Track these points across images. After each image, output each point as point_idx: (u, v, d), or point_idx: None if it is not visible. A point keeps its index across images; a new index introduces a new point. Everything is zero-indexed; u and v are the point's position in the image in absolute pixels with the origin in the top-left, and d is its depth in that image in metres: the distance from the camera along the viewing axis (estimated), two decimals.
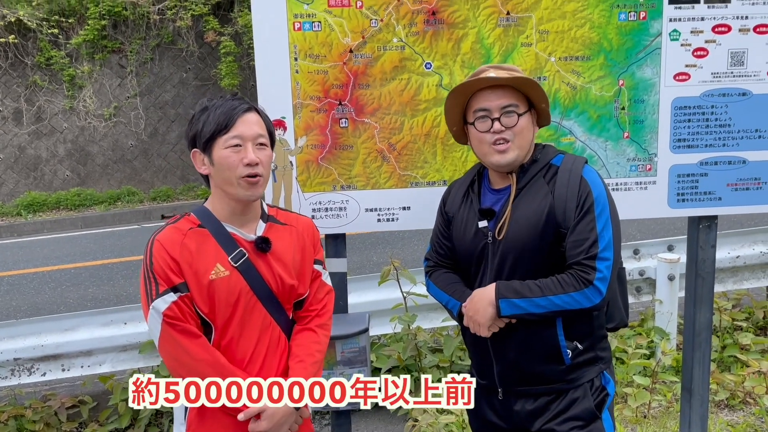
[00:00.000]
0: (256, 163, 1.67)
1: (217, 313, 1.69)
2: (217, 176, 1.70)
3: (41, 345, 3.55)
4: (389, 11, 2.23)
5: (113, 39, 12.49)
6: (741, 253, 4.24)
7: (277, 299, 1.77)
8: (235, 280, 1.69)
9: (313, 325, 1.86)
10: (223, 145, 1.66)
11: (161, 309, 1.63)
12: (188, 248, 1.67)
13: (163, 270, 1.64)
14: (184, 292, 1.66)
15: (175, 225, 1.72)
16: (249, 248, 1.73)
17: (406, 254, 6.44)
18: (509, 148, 1.75)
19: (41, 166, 12.51)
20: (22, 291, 6.75)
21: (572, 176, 1.75)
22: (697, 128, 2.35)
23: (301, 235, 1.85)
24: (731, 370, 3.76)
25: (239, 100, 1.73)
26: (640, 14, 2.28)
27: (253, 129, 1.69)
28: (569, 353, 1.77)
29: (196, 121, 1.71)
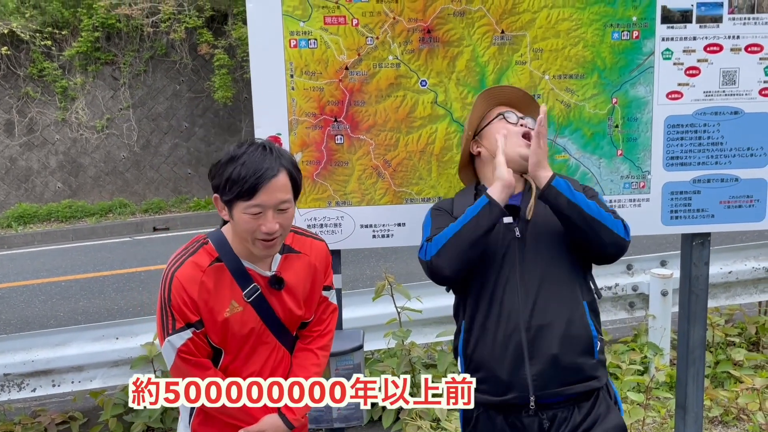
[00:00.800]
0: (274, 231, 1.66)
1: (229, 343, 1.77)
2: (235, 228, 1.71)
3: (32, 360, 3.52)
4: (385, 29, 2.24)
5: (106, 51, 12.50)
6: (733, 269, 4.26)
7: (285, 327, 1.84)
8: (248, 315, 1.75)
9: (314, 347, 1.91)
10: (243, 210, 1.63)
11: (177, 345, 1.70)
12: (206, 287, 1.71)
13: (180, 308, 1.69)
14: (199, 329, 1.72)
15: (193, 259, 1.71)
16: (263, 284, 1.77)
17: (399, 268, 6.44)
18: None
19: (32, 177, 12.44)
20: (12, 304, 6.69)
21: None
22: (689, 146, 2.37)
23: (313, 264, 1.88)
24: (724, 386, 3.77)
25: (269, 155, 1.64)
26: (633, 33, 2.30)
27: (277, 197, 1.63)
28: (598, 345, 1.82)
29: (221, 171, 1.65)
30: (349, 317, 3.54)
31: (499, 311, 1.81)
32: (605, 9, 2.27)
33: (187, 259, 1.72)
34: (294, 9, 2.23)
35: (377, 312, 3.78)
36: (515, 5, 2.25)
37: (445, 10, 2.24)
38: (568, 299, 1.81)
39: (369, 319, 3.76)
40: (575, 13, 2.26)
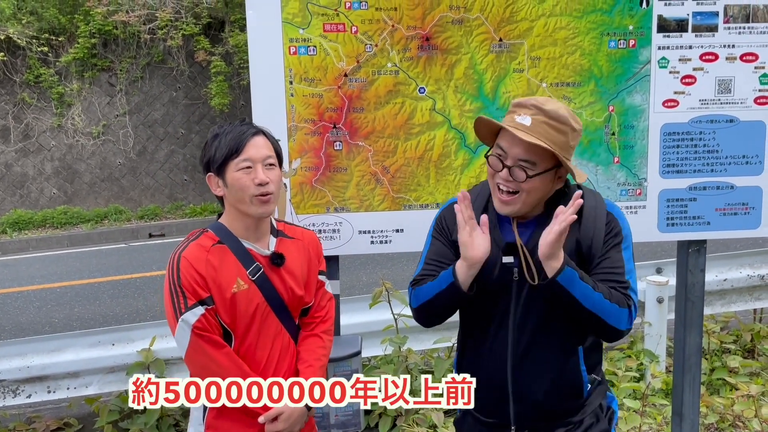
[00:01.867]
0: (266, 182, 1.78)
1: (238, 323, 1.83)
2: (231, 196, 1.82)
3: (27, 366, 3.50)
4: (384, 37, 2.26)
5: (103, 57, 12.50)
6: (728, 276, 4.27)
7: (287, 308, 1.91)
8: (253, 293, 1.83)
9: (319, 331, 2.01)
10: (235, 168, 1.78)
11: (191, 321, 1.75)
12: (212, 264, 1.80)
13: (191, 285, 1.76)
14: (210, 305, 1.78)
15: (197, 242, 1.83)
16: (264, 263, 1.86)
17: (395, 274, 6.44)
18: (513, 201, 1.62)
19: (28, 183, 12.41)
20: (7, 310, 6.66)
21: (598, 211, 1.68)
22: (685, 154, 2.39)
23: (307, 248, 1.99)
24: (720, 393, 3.78)
25: (248, 125, 1.86)
26: (630, 42, 2.32)
27: (262, 151, 1.81)
28: (589, 386, 1.75)
29: (209, 148, 1.84)
30: (345, 323, 3.54)
31: (490, 348, 1.75)
32: (602, 18, 2.29)
33: (190, 243, 1.83)
34: (294, 16, 2.24)
35: (374, 318, 3.78)
36: (513, 14, 2.27)
37: (443, 18, 2.26)
38: (561, 348, 1.71)
39: (366, 325, 3.75)
40: (572, 21, 2.29)
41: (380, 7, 2.25)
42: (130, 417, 3.53)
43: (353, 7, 2.24)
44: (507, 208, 1.64)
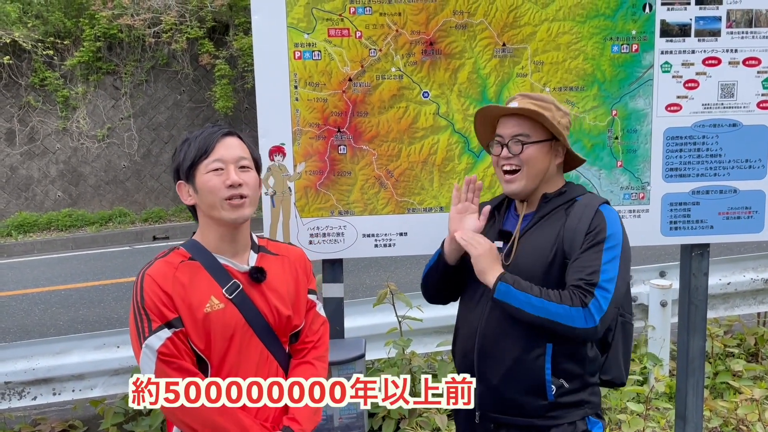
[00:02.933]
0: (239, 183, 1.62)
1: (213, 348, 1.62)
2: (201, 202, 1.66)
3: (32, 368, 3.52)
4: (388, 41, 2.28)
5: (108, 61, 12.55)
6: (732, 280, 4.27)
7: (273, 332, 1.70)
8: (231, 313, 1.62)
9: (311, 358, 1.79)
10: (205, 170, 1.63)
11: (155, 346, 1.55)
12: (180, 281, 1.61)
13: (155, 305, 1.57)
14: (179, 328, 1.58)
15: (165, 259, 1.66)
16: (243, 280, 1.67)
17: (399, 277, 6.45)
18: (516, 178, 1.79)
19: (33, 186, 12.46)
20: (12, 313, 6.68)
21: (587, 209, 1.75)
22: (688, 158, 2.39)
23: (294, 265, 1.81)
24: (724, 397, 3.78)
25: (218, 126, 1.71)
26: (633, 47, 2.33)
27: (234, 151, 1.66)
28: (554, 389, 1.74)
29: (178, 153, 1.69)
30: (349, 326, 3.54)
31: (467, 327, 1.87)
32: (605, 23, 2.31)
33: (157, 260, 1.66)
34: (298, 21, 2.26)
35: (378, 321, 3.79)
36: (516, 18, 2.28)
37: (447, 23, 2.27)
38: (525, 338, 1.73)
39: (370, 328, 3.76)
40: (575, 26, 2.30)
41: (384, 12, 2.26)
42: (135, 419, 3.54)
43: (358, 12, 2.26)
44: (513, 185, 1.80)
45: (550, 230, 1.77)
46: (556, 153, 1.82)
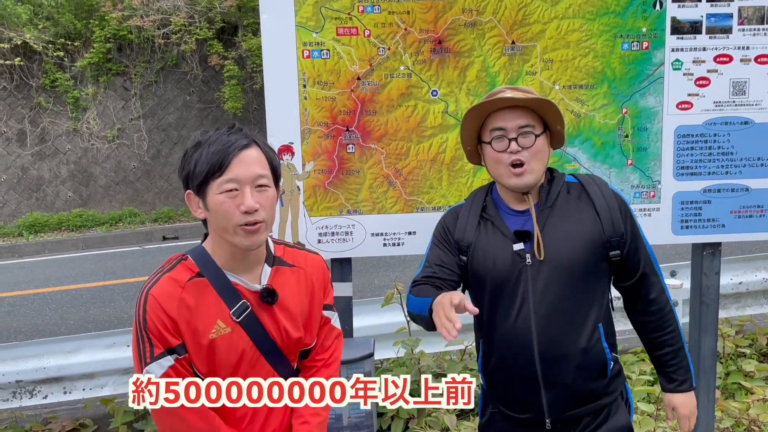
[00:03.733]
0: (254, 209, 1.45)
1: (218, 372, 1.53)
2: (213, 222, 1.51)
3: (43, 367, 3.54)
4: (396, 40, 2.27)
5: (118, 62, 12.62)
6: (744, 280, 4.24)
7: (281, 352, 1.60)
8: (237, 337, 1.52)
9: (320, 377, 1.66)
10: (218, 190, 1.45)
11: (157, 374, 1.47)
12: (187, 304, 1.49)
13: (158, 330, 1.46)
14: (182, 355, 1.49)
15: (170, 275, 1.52)
16: (253, 300, 1.55)
17: (408, 277, 6.43)
18: (526, 171, 1.69)
19: (44, 186, 12.55)
20: (23, 312, 6.73)
21: (604, 189, 1.78)
22: (700, 156, 2.38)
23: (310, 278, 1.67)
24: (735, 398, 3.74)
25: (237, 133, 1.50)
26: (643, 44, 2.32)
27: (252, 170, 1.46)
28: (612, 365, 1.79)
29: (188, 160, 1.50)
30: (358, 326, 3.54)
31: (513, 340, 1.75)
32: (615, 20, 2.29)
33: (162, 275, 1.52)
34: (307, 20, 2.26)
35: (386, 321, 3.79)
36: (526, 16, 2.27)
37: (456, 21, 2.27)
38: (583, 327, 1.72)
39: (378, 327, 3.76)
40: (585, 24, 2.29)
41: (393, 11, 2.26)
42: (145, 418, 3.55)
43: (366, 10, 2.26)
44: (524, 179, 1.70)
45: (575, 217, 1.73)
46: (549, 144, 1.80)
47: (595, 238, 1.72)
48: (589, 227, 1.72)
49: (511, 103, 1.71)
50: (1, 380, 3.52)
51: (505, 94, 1.73)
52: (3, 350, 3.62)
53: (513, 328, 1.73)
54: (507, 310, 1.74)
